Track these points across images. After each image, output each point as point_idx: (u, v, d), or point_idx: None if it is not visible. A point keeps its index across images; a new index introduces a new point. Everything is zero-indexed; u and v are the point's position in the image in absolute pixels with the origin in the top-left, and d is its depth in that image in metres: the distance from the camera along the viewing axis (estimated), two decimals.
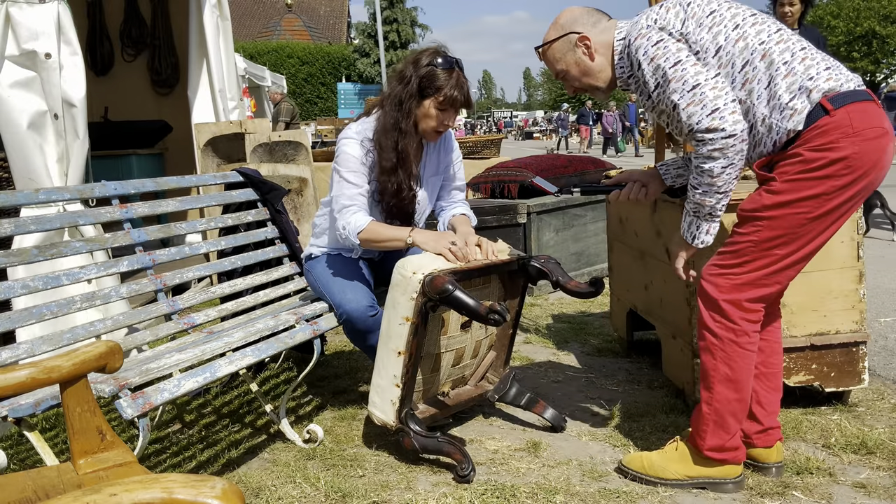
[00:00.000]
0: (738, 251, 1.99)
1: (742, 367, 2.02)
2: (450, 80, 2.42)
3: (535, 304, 4.42)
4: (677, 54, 1.94)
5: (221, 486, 0.84)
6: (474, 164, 6.34)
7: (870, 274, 4.54)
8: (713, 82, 1.90)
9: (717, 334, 2.02)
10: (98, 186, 2.54)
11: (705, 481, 2.11)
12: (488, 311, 2.10)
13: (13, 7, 3.17)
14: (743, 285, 1.98)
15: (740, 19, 1.97)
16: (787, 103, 1.88)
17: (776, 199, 1.92)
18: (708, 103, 1.88)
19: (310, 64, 23.56)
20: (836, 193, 1.89)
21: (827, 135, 1.86)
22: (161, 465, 2.45)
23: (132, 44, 6.66)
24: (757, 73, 1.92)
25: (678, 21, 1.98)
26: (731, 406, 2.04)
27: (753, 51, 1.93)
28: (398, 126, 2.46)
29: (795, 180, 1.89)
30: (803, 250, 1.96)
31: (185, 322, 2.50)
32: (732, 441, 2.07)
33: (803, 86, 1.88)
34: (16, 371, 1.30)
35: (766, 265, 1.97)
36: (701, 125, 1.88)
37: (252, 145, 4.69)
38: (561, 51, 2.17)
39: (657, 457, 2.17)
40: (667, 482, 2.13)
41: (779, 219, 1.92)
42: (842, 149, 1.85)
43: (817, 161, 1.87)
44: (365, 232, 2.43)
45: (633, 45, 2.01)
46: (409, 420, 2.30)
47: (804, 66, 1.90)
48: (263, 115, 10.62)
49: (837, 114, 1.85)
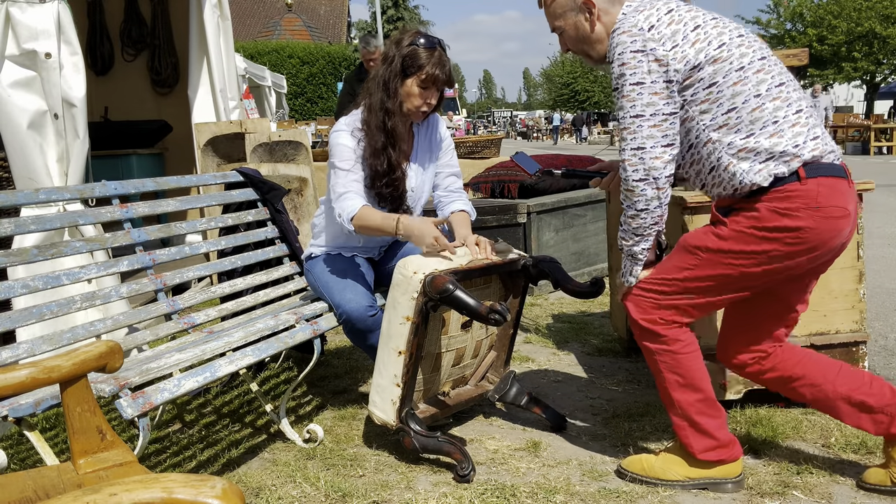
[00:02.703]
0: (666, 280, 2.02)
1: (689, 368, 2.04)
2: (431, 59, 2.45)
3: (535, 304, 4.42)
4: (645, 77, 1.87)
5: (221, 485, 0.84)
6: (474, 163, 6.34)
7: (870, 274, 4.54)
8: (655, 120, 1.87)
9: (651, 350, 2.06)
10: (98, 186, 2.54)
11: (706, 482, 2.11)
12: (489, 310, 2.10)
13: (13, 7, 3.17)
14: (661, 308, 2.02)
15: (747, 61, 1.88)
16: (763, 161, 1.85)
17: (720, 244, 1.93)
18: (637, 137, 1.88)
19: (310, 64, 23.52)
20: (779, 258, 1.88)
21: (790, 200, 1.84)
22: (161, 464, 2.45)
23: (132, 44, 6.65)
24: (740, 123, 1.88)
25: (672, 42, 1.88)
26: (695, 407, 2.05)
27: (746, 100, 1.87)
28: (384, 106, 2.49)
29: (744, 233, 1.89)
30: (727, 297, 1.99)
31: (185, 322, 2.50)
32: (719, 437, 2.07)
33: (786, 151, 1.84)
34: (16, 371, 1.30)
35: (688, 300, 2.00)
36: (623, 156, 1.91)
37: (252, 145, 4.69)
38: (563, 7, 2.07)
39: (656, 459, 2.17)
40: (667, 483, 2.13)
41: (715, 264, 1.94)
42: (799, 219, 1.83)
43: (771, 222, 1.86)
44: (357, 217, 2.43)
45: (617, 35, 1.93)
46: (410, 419, 2.30)
47: (793, 133, 1.85)
48: (264, 114, 10.62)
49: (808, 183, 1.83)
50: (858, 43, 26.02)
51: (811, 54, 6.18)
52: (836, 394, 2.03)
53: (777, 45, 27.64)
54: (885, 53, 26.10)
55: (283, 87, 12.49)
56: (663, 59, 1.86)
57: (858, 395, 2.02)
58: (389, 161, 2.52)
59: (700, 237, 1.98)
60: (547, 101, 61.43)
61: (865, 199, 2.62)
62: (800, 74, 17.47)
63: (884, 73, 27.57)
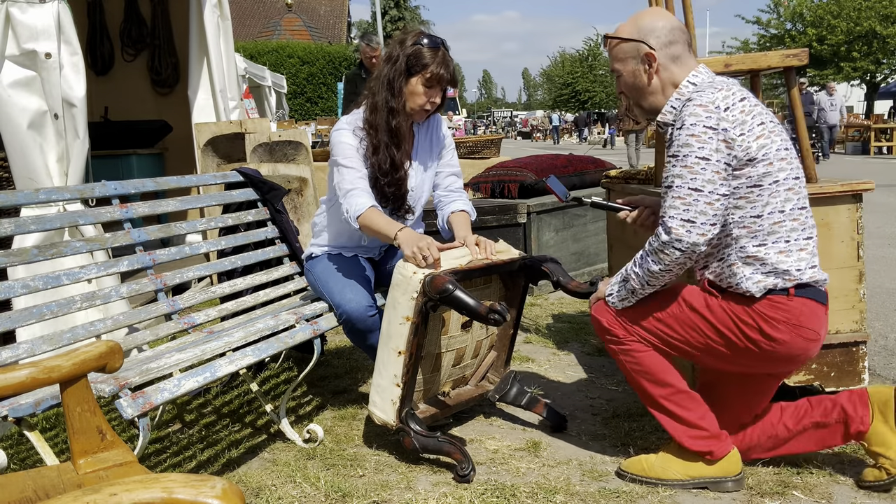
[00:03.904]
0: (637, 308, 2.09)
1: (650, 365, 2.09)
2: (436, 58, 2.47)
3: (535, 304, 4.42)
4: (712, 154, 1.89)
5: (221, 485, 0.84)
6: (474, 163, 6.34)
7: (870, 274, 4.54)
8: (711, 198, 1.90)
9: (614, 350, 2.14)
10: (98, 186, 2.54)
11: (706, 481, 2.11)
12: (489, 310, 2.10)
13: (13, 7, 3.17)
14: (624, 323, 2.11)
15: (783, 176, 1.94)
16: (765, 273, 1.96)
17: (702, 311, 2.03)
18: (690, 210, 1.91)
19: (310, 64, 23.50)
20: (744, 354, 1.99)
21: (775, 311, 1.95)
22: (161, 464, 2.45)
23: (132, 44, 6.65)
24: (759, 231, 1.96)
25: (741, 128, 1.91)
26: (670, 400, 2.10)
27: (772, 212, 1.95)
28: (388, 105, 2.51)
29: (727, 314, 1.99)
30: (678, 352, 2.08)
31: (185, 322, 2.50)
32: (705, 426, 2.10)
33: (789, 271, 1.95)
34: (16, 371, 1.30)
35: (646, 328, 2.09)
36: (670, 223, 1.94)
37: (252, 145, 4.69)
38: (626, 53, 2.08)
39: (656, 459, 2.18)
40: (667, 482, 2.13)
41: (687, 324, 2.04)
42: (779, 331, 1.94)
43: (753, 322, 1.96)
44: (363, 217, 2.44)
45: (692, 106, 1.93)
46: (410, 419, 2.30)
47: (798, 257, 1.96)
48: (264, 114, 10.62)
49: (794, 301, 1.95)
50: (858, 43, 25.99)
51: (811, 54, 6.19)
52: (790, 431, 2.14)
53: (777, 45, 27.63)
54: (884, 53, 26.07)
55: (283, 87, 12.49)
56: (731, 142, 1.90)
57: (808, 419, 2.12)
58: (393, 160, 2.53)
59: (693, 293, 2.08)
60: (547, 101, 61.40)
61: (865, 199, 2.62)
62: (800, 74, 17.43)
63: (883, 72, 27.54)
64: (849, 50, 26.23)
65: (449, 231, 2.68)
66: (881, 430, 2.04)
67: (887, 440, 2.04)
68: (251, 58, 13.71)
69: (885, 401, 2.05)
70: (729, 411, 2.17)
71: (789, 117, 7.90)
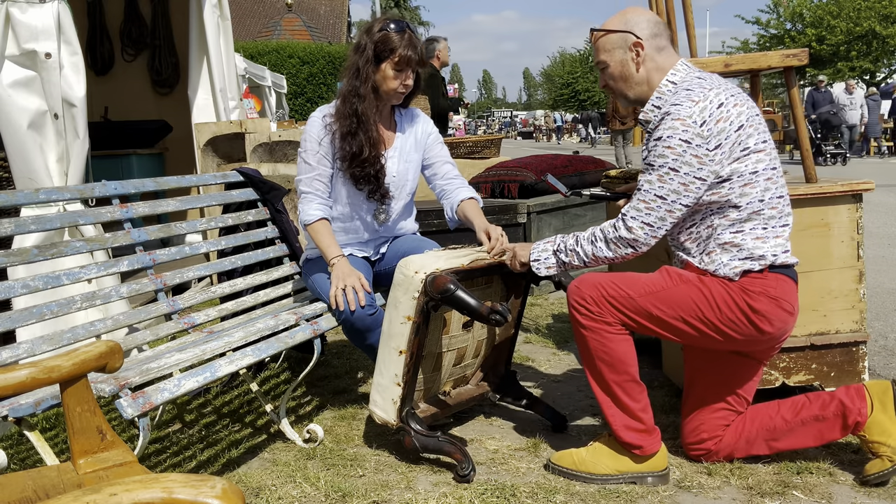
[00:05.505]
0: (627, 287, 2.10)
1: (614, 350, 2.10)
2: (402, 41, 2.52)
3: (535, 304, 4.42)
4: (682, 166, 1.98)
5: (221, 485, 0.84)
6: (474, 163, 6.34)
7: (870, 274, 4.54)
8: (673, 207, 2.01)
9: (581, 323, 2.12)
10: (98, 186, 2.54)
11: (634, 476, 2.15)
12: (490, 311, 2.10)
13: (13, 7, 3.17)
14: (604, 297, 2.11)
15: (761, 167, 2.01)
16: (741, 259, 2.02)
17: (697, 283, 2.06)
18: (652, 215, 2.03)
19: (310, 64, 23.50)
20: (734, 322, 2.02)
21: (753, 285, 2.02)
22: (161, 464, 2.45)
23: (132, 44, 6.66)
24: (736, 218, 2.03)
25: (716, 141, 1.97)
26: (620, 386, 2.12)
27: (750, 202, 2.02)
28: (356, 92, 2.55)
29: (721, 287, 2.03)
30: (668, 329, 2.10)
31: (185, 322, 2.50)
32: (642, 419, 2.12)
33: (764, 255, 2.02)
34: (16, 371, 1.30)
35: (634, 308, 2.10)
36: (631, 223, 2.05)
37: (252, 145, 4.70)
38: (613, 44, 2.15)
39: (587, 453, 2.21)
40: (596, 477, 2.16)
41: (680, 299, 2.06)
42: (760, 302, 2.00)
43: (739, 298, 2.01)
44: (311, 228, 2.60)
45: (669, 120, 2.00)
46: (410, 419, 2.30)
47: (775, 243, 2.04)
48: (263, 114, 10.62)
49: (769, 276, 2.02)
50: (858, 43, 25.98)
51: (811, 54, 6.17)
52: (788, 423, 2.14)
53: (777, 45, 27.63)
54: (884, 53, 26.06)
55: (283, 87, 12.49)
56: (703, 157, 1.98)
57: (806, 412, 2.13)
58: (360, 144, 2.56)
59: (681, 272, 2.11)
60: (547, 101, 61.40)
61: (865, 199, 2.62)
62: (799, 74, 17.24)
63: (883, 72, 27.53)
64: (848, 50, 26.23)
65: (459, 221, 2.69)
66: (880, 420, 2.05)
67: (887, 429, 2.04)
68: (251, 58, 13.70)
69: (884, 390, 2.07)
70: (720, 402, 2.19)
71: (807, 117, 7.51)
